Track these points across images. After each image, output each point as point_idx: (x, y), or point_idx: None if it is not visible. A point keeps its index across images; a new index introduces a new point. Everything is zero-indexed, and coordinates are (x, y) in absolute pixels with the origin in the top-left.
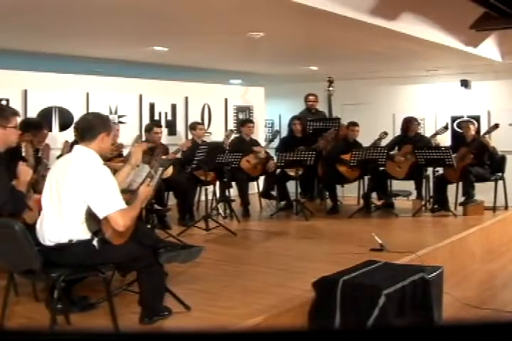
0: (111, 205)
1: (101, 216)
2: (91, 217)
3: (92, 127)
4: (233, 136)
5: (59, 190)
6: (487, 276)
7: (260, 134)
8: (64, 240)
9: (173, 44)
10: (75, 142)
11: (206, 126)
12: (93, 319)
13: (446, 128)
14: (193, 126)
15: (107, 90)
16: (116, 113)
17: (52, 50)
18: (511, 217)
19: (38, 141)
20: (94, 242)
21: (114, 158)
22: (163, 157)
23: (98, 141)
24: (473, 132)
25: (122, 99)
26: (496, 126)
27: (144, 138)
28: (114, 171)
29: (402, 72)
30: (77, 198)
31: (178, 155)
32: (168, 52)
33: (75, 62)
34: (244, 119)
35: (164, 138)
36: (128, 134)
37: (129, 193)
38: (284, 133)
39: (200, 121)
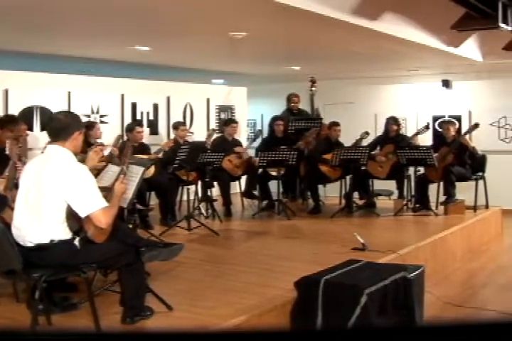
0: (92, 204)
1: (83, 215)
2: (71, 216)
3: (66, 126)
4: (215, 135)
5: (38, 191)
6: (468, 275)
7: (242, 134)
8: (45, 241)
9: (156, 44)
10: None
11: (188, 126)
12: (75, 319)
13: (427, 127)
14: (176, 126)
15: (88, 90)
16: (98, 112)
17: (34, 49)
18: (492, 216)
19: (16, 135)
20: (76, 242)
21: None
22: (145, 156)
23: (72, 140)
24: (453, 133)
25: (104, 98)
26: (476, 125)
27: (125, 138)
28: (97, 171)
29: (384, 72)
30: (56, 198)
31: (160, 155)
32: (150, 52)
33: (56, 61)
34: (228, 119)
35: (146, 138)
36: (110, 134)
37: (104, 191)
38: (266, 132)
39: (182, 120)
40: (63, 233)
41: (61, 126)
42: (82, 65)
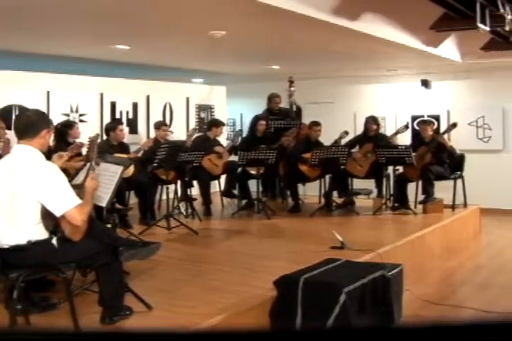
0: (66, 202)
1: (58, 214)
2: (46, 215)
3: (34, 124)
4: (196, 134)
5: (10, 193)
6: (446, 274)
7: (222, 133)
8: (22, 242)
9: (135, 42)
10: None
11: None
12: (54, 319)
13: (406, 127)
14: (158, 126)
15: (67, 88)
16: (77, 111)
17: (12, 47)
18: (470, 215)
19: None
20: (53, 241)
21: (74, 157)
22: (124, 156)
23: (39, 138)
24: (430, 132)
25: (83, 97)
26: (454, 125)
27: (104, 137)
28: (76, 170)
29: (364, 72)
30: (30, 199)
31: (139, 155)
32: (129, 51)
33: (35, 60)
34: (217, 120)
35: (125, 137)
36: (89, 133)
37: (76, 189)
38: (246, 131)
39: (163, 120)
40: (40, 233)
41: (29, 123)
42: (61, 63)
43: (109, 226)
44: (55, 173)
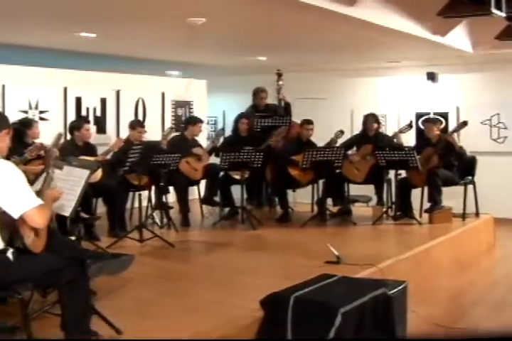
0: (25, 202)
1: (16, 215)
2: (3, 224)
3: None
4: (173, 134)
5: None
6: (456, 291)
7: (202, 133)
8: None
9: (102, 30)
10: None
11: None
12: None
13: (410, 126)
14: (133, 126)
15: (26, 82)
16: (36, 108)
17: None
18: (482, 225)
19: None
20: (9, 254)
21: (33, 161)
22: (91, 158)
23: None
24: (437, 132)
25: (44, 92)
26: (465, 123)
27: (69, 137)
28: (35, 175)
29: (362, 64)
30: None
31: (108, 157)
32: (96, 39)
33: None
34: (193, 117)
35: (92, 137)
36: (50, 133)
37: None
38: (229, 131)
39: (134, 117)
40: None
41: None
42: (18, 54)
43: (73, 238)
44: (12, 172)
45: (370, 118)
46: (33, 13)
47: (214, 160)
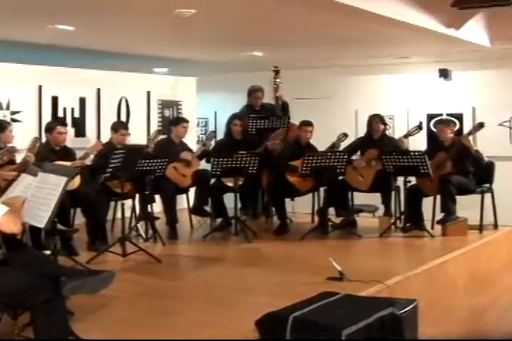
0: None
1: None
2: None
3: None
4: (160, 137)
5: None
6: (474, 312)
7: (191, 136)
8: None
9: (81, 22)
10: None
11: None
12: None
13: (419, 127)
14: (116, 128)
15: None
16: (8, 108)
17: None
18: (502, 238)
19: None
20: None
21: (4, 166)
22: (68, 163)
23: None
24: (450, 135)
25: (16, 91)
26: (481, 125)
27: (43, 140)
28: (7, 182)
29: (368, 60)
30: None
31: (87, 162)
32: (74, 32)
33: None
34: (177, 117)
35: (70, 140)
36: (24, 135)
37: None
38: (221, 134)
39: (116, 119)
40: None
41: None
42: None
43: (48, 253)
44: None
45: (376, 120)
46: (2, 2)
47: (204, 165)
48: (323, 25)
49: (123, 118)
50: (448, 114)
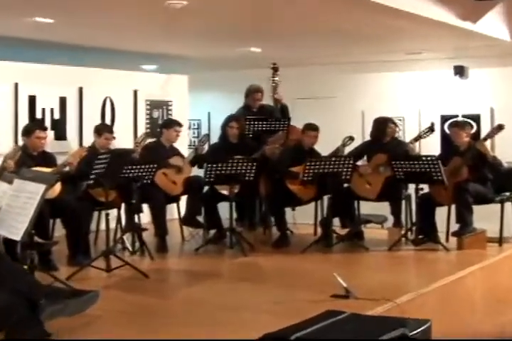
0: None
1: None
2: None
3: None
4: (148, 140)
5: None
6: (495, 333)
7: (183, 139)
8: None
9: (61, 14)
10: None
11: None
12: None
13: (431, 129)
14: (99, 131)
15: None
16: None
17: None
18: None
19: None
20: None
21: None
22: (47, 170)
23: None
24: (466, 139)
25: None
26: (500, 127)
27: (21, 144)
28: None
29: (376, 56)
30: None
31: (68, 168)
32: (54, 26)
33: None
34: (170, 120)
35: (49, 144)
36: None
37: None
38: (215, 137)
39: (101, 121)
40: None
41: None
42: None
43: (24, 268)
44: None
45: (385, 122)
46: None
47: (197, 172)
48: (327, 19)
49: (107, 120)
50: (464, 116)
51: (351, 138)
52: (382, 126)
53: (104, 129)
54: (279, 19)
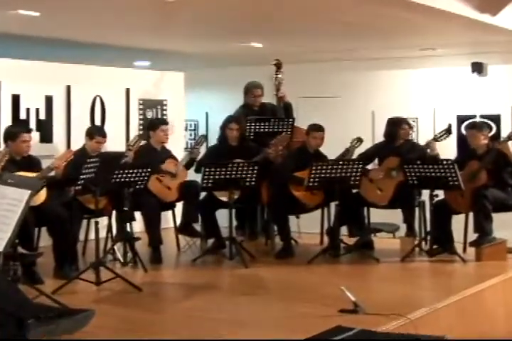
0: None
1: None
2: None
3: None
4: (141, 143)
5: None
6: None
7: (179, 141)
8: None
9: (48, 6)
10: None
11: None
12: None
13: (448, 131)
14: (91, 135)
15: None
16: None
17: None
18: None
19: None
20: None
21: None
22: (32, 174)
23: None
24: (484, 141)
25: None
26: None
27: (1, 147)
28: None
29: (387, 52)
30: None
31: (53, 173)
32: (40, 19)
33: None
34: (155, 119)
35: (35, 147)
36: None
37: None
38: (213, 139)
39: (99, 126)
40: None
41: None
42: None
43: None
44: None
45: (397, 122)
46: None
47: (193, 176)
48: (335, 11)
49: (97, 120)
50: (482, 116)
51: (360, 140)
52: (395, 127)
53: (96, 132)
54: (283, 11)
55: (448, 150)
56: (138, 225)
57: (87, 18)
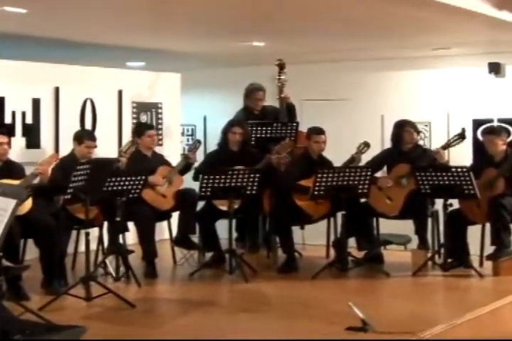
0: None
1: None
2: None
3: None
4: (134, 148)
5: None
6: None
7: (175, 147)
8: None
9: (36, 3)
10: None
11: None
12: None
13: (462, 136)
14: (80, 139)
15: None
16: None
17: None
18: None
19: None
20: None
21: None
22: (15, 182)
23: None
24: (503, 147)
25: None
26: None
27: None
28: None
29: (397, 52)
30: None
31: (37, 180)
32: (27, 16)
33: None
34: (138, 126)
35: (21, 153)
36: None
37: None
38: (211, 145)
39: (88, 130)
40: None
41: None
42: None
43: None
44: None
45: (407, 126)
46: None
47: (190, 184)
48: (342, 8)
49: (88, 124)
50: (500, 120)
51: (367, 145)
52: (399, 129)
53: (85, 136)
54: (286, 8)
55: (463, 157)
56: (131, 237)
57: (77, 15)
